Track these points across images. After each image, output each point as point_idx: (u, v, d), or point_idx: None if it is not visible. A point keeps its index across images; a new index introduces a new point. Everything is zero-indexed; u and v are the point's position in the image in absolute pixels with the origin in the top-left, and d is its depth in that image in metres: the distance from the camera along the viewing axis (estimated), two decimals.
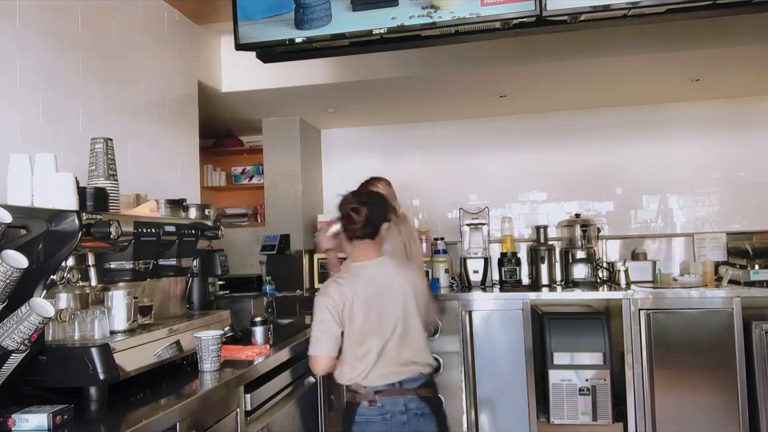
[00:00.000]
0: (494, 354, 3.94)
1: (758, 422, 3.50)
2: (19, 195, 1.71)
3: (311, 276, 4.66)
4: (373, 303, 2.17)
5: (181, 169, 3.30)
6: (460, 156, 4.94)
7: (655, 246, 4.62)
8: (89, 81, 2.55)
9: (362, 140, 5.14)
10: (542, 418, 3.89)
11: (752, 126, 4.54)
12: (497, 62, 3.62)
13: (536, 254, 4.38)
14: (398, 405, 2.17)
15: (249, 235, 5.13)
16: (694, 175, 4.62)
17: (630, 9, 2.42)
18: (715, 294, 3.72)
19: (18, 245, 1.45)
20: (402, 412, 2.17)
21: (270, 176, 4.75)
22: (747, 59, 3.61)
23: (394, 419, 2.16)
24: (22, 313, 1.32)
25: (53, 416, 1.36)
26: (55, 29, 2.37)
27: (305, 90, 3.95)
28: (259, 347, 2.26)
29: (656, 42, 3.39)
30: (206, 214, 2.58)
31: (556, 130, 4.81)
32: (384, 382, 2.17)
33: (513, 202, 4.88)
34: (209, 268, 2.61)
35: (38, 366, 1.53)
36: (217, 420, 1.77)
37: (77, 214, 1.55)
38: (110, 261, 1.81)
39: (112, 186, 1.93)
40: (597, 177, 4.74)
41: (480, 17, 2.51)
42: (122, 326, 1.82)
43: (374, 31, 2.61)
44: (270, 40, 2.75)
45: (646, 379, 3.70)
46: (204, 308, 2.59)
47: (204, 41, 3.65)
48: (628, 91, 4.31)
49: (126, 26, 2.85)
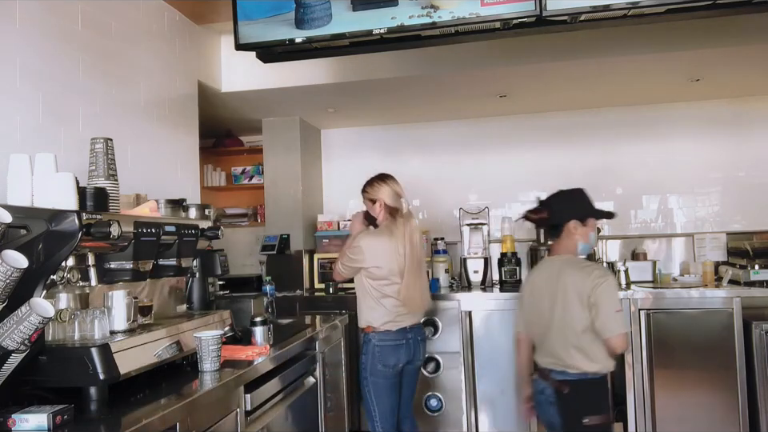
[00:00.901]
0: (493, 353, 3.94)
1: (758, 422, 3.50)
2: (19, 195, 1.71)
3: (311, 276, 4.67)
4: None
5: (181, 169, 3.30)
6: (460, 156, 4.94)
7: (655, 246, 4.62)
8: (89, 81, 2.55)
9: (362, 140, 5.14)
10: None
11: (752, 126, 4.54)
12: (497, 61, 3.62)
13: (536, 254, 4.38)
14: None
15: (249, 235, 5.13)
16: (693, 175, 4.62)
17: (630, 9, 2.42)
18: (715, 294, 3.71)
19: (17, 245, 1.45)
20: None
21: (270, 176, 4.75)
22: (747, 59, 3.61)
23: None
24: (22, 313, 1.32)
25: (53, 416, 1.36)
26: (55, 29, 2.37)
27: (305, 89, 3.95)
28: (259, 347, 2.26)
29: (656, 41, 3.39)
30: (206, 214, 2.58)
31: (556, 129, 4.81)
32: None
33: (513, 202, 4.88)
34: (209, 268, 2.61)
35: (38, 366, 1.53)
36: (217, 420, 1.77)
37: (77, 214, 1.55)
38: (109, 261, 1.81)
39: (112, 186, 1.93)
40: (597, 177, 4.73)
41: (480, 17, 2.51)
42: (122, 326, 1.82)
43: (373, 31, 2.61)
44: (270, 40, 2.75)
45: (646, 379, 3.70)
46: (204, 308, 2.59)
47: (204, 41, 3.65)
48: (628, 91, 4.31)
49: (126, 25, 2.85)
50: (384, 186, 2.95)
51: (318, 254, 4.64)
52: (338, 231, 4.68)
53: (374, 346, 2.90)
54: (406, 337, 2.91)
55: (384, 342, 2.89)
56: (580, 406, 2.34)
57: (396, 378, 2.94)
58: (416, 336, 2.96)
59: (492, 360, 3.94)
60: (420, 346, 2.99)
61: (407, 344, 2.91)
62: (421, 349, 3.01)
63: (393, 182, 2.97)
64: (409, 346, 2.92)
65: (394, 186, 2.95)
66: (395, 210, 2.92)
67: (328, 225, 4.73)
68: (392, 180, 2.98)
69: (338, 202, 5.14)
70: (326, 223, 4.75)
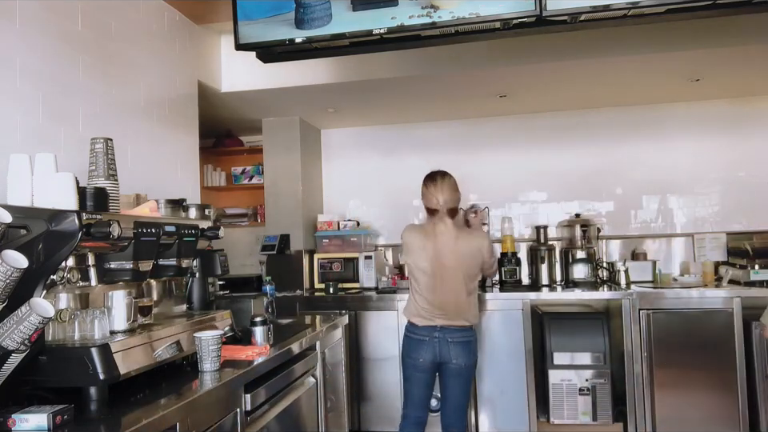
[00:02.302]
0: (493, 353, 3.94)
1: (758, 422, 3.50)
2: (19, 195, 1.71)
3: (311, 276, 4.67)
4: None
5: (181, 169, 3.30)
6: (460, 156, 4.94)
7: (655, 246, 4.62)
8: (89, 81, 2.55)
9: (362, 140, 5.14)
10: (541, 417, 3.89)
11: (752, 126, 4.54)
12: (497, 62, 3.62)
13: (536, 253, 4.39)
14: None
15: (249, 235, 5.13)
16: (693, 175, 4.62)
17: (630, 9, 2.42)
18: (715, 294, 3.72)
19: (17, 245, 1.45)
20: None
21: (270, 176, 4.75)
22: (747, 59, 3.61)
23: None
24: (22, 313, 1.32)
25: (53, 416, 1.36)
26: (55, 29, 2.37)
27: (305, 89, 3.95)
28: (259, 347, 2.25)
29: (656, 41, 3.39)
30: (206, 214, 2.58)
31: (556, 130, 4.81)
32: None
33: (513, 202, 4.88)
34: (209, 268, 2.61)
35: (38, 366, 1.53)
36: (217, 420, 1.77)
37: (77, 214, 1.55)
38: (110, 261, 1.81)
39: (112, 186, 1.93)
40: (597, 177, 4.74)
41: (480, 17, 2.51)
42: (121, 326, 1.82)
43: (373, 31, 2.61)
44: (270, 40, 2.74)
45: (646, 379, 3.70)
46: (204, 308, 2.59)
47: (204, 41, 3.65)
48: (628, 91, 4.31)
49: (126, 25, 2.85)
50: (424, 188, 3.01)
51: (317, 254, 4.64)
52: (338, 231, 4.69)
53: (404, 336, 3.03)
54: (432, 335, 2.91)
55: (409, 334, 2.99)
56: None
57: (425, 374, 2.97)
58: (446, 336, 2.91)
59: (492, 360, 3.94)
60: (451, 348, 2.91)
61: (431, 342, 2.91)
62: (453, 350, 2.91)
63: (431, 184, 2.96)
64: (434, 345, 2.91)
65: (431, 187, 2.95)
66: (433, 210, 2.94)
67: (328, 225, 4.73)
68: (431, 182, 2.97)
69: (338, 202, 5.14)
70: (325, 223, 4.75)
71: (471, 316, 2.96)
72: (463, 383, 2.99)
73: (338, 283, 4.36)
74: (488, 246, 3.01)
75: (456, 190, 2.93)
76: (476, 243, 2.96)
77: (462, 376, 2.97)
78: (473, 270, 2.95)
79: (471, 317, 2.96)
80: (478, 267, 2.99)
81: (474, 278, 2.98)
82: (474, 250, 2.94)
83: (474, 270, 2.96)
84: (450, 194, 2.90)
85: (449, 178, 2.96)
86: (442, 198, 2.89)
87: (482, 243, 2.99)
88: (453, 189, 2.93)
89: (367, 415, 4.07)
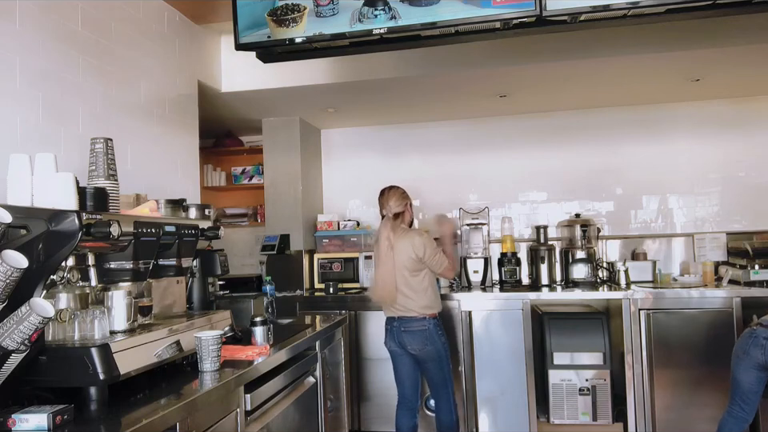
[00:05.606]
0: (493, 354, 3.94)
1: (758, 422, 3.50)
2: (19, 195, 1.71)
3: (311, 276, 4.67)
4: None
5: (181, 169, 3.30)
6: (460, 156, 4.94)
7: (655, 246, 4.62)
8: (89, 81, 2.55)
9: (362, 140, 5.14)
10: (541, 417, 3.89)
11: (752, 126, 4.54)
12: (497, 61, 3.62)
13: (536, 253, 4.39)
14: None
15: (249, 235, 5.14)
16: (693, 175, 4.62)
17: (630, 9, 2.42)
18: (715, 294, 3.72)
19: (17, 245, 1.45)
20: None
21: (270, 176, 4.75)
22: (747, 59, 3.61)
23: None
24: (22, 313, 1.32)
25: (53, 416, 1.36)
26: (55, 29, 2.37)
27: (305, 89, 3.95)
28: (259, 347, 2.26)
29: (656, 42, 3.39)
30: (206, 214, 2.58)
31: (556, 130, 4.81)
32: None
33: (513, 202, 4.89)
34: (209, 268, 2.61)
35: (37, 366, 1.53)
36: (217, 420, 1.77)
37: (77, 214, 1.55)
38: (110, 261, 1.81)
39: (112, 186, 1.93)
40: (597, 177, 4.74)
41: (480, 17, 2.51)
42: (121, 326, 1.82)
43: (373, 31, 2.61)
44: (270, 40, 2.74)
45: (646, 379, 3.70)
46: (204, 308, 2.59)
47: (204, 41, 3.65)
48: (628, 91, 4.31)
49: (126, 26, 2.85)
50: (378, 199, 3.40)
51: (317, 254, 4.64)
52: (338, 231, 4.69)
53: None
54: (392, 324, 3.30)
55: (385, 324, 3.38)
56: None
57: (398, 359, 3.34)
58: (401, 326, 3.24)
59: (492, 360, 3.95)
60: (405, 336, 3.23)
61: (392, 331, 3.29)
62: (406, 338, 3.23)
63: (381, 196, 3.36)
64: (393, 333, 3.29)
65: (381, 199, 3.36)
66: (383, 216, 3.35)
67: (328, 225, 4.73)
68: (381, 195, 3.37)
69: (338, 202, 5.15)
70: (325, 223, 4.75)
71: (419, 307, 3.21)
72: (432, 368, 3.27)
73: (338, 283, 4.37)
74: (420, 242, 3.20)
75: (401, 198, 3.30)
76: (408, 240, 3.21)
77: (428, 361, 3.26)
78: (411, 265, 3.20)
79: (419, 308, 3.21)
80: (416, 263, 3.20)
81: (417, 273, 3.21)
82: (407, 246, 3.20)
83: (412, 265, 3.20)
84: (394, 202, 3.28)
85: (395, 190, 3.34)
86: (387, 206, 3.29)
87: (414, 240, 3.20)
88: (397, 198, 3.30)
89: (367, 415, 4.07)
